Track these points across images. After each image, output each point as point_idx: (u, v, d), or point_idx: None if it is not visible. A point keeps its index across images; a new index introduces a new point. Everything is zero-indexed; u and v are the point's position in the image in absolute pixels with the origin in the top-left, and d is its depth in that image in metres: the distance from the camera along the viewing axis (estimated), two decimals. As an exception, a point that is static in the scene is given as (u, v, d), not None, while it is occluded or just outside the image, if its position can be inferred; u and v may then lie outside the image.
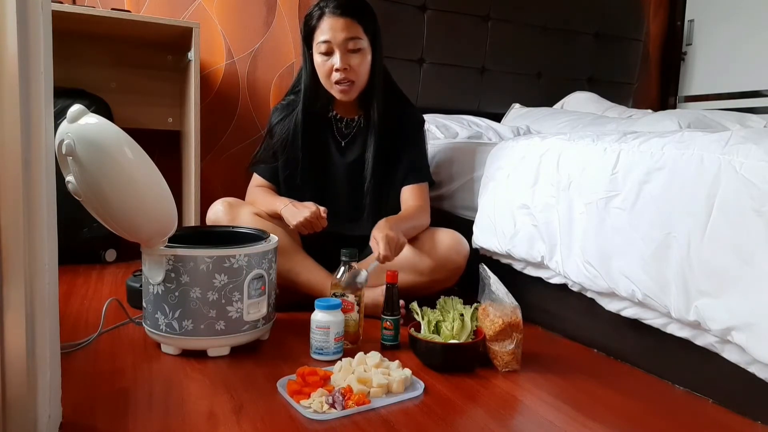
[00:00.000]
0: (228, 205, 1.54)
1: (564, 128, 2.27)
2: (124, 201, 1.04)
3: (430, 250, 1.53)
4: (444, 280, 1.56)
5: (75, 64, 2.09)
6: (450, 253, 1.52)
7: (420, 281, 1.54)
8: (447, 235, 1.55)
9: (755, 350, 0.99)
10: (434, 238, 1.55)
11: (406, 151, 1.63)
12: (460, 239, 1.55)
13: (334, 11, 1.49)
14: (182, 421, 0.96)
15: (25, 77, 0.74)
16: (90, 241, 1.96)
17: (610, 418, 1.04)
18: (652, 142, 1.23)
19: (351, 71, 1.51)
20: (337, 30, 1.48)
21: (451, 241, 1.54)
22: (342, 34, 1.48)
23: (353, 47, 1.50)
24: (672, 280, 1.13)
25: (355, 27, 1.49)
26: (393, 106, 1.62)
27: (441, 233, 1.56)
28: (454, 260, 1.53)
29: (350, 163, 1.63)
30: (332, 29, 1.48)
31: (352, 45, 1.50)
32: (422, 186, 1.64)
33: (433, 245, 1.53)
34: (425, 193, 1.65)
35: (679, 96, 3.24)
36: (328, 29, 1.49)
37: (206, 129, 2.24)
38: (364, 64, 1.53)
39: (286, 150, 1.61)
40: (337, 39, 1.48)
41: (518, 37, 2.73)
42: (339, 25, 1.48)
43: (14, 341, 0.76)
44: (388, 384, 1.08)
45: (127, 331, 1.37)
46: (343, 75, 1.50)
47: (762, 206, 0.98)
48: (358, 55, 1.51)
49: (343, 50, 1.49)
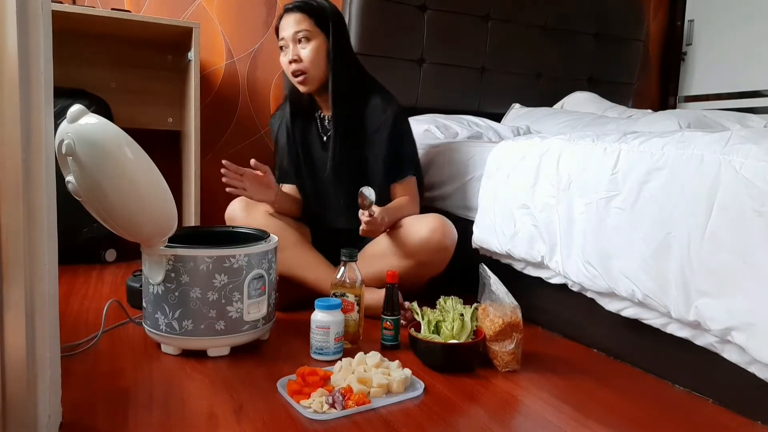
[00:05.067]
0: (245, 204, 1.63)
1: (564, 128, 2.27)
2: (124, 201, 1.04)
3: (415, 230, 1.53)
4: (430, 262, 1.54)
5: (75, 64, 2.09)
6: (434, 233, 1.50)
7: (407, 265, 1.53)
8: (431, 218, 1.55)
9: (755, 350, 0.99)
10: (419, 221, 1.56)
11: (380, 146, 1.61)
12: (445, 221, 1.54)
13: (287, 11, 1.60)
14: (182, 421, 0.96)
15: (25, 77, 0.74)
16: (90, 241, 1.96)
17: (610, 418, 1.04)
18: (652, 142, 1.23)
19: (300, 62, 1.57)
20: (287, 26, 1.58)
21: (434, 222, 1.52)
22: (291, 29, 1.57)
23: (302, 38, 1.57)
24: (672, 280, 1.13)
25: (304, 20, 1.57)
26: (359, 99, 1.63)
27: (426, 216, 1.57)
28: (439, 240, 1.51)
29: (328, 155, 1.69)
30: (284, 27, 1.59)
31: (302, 36, 1.57)
32: (407, 181, 1.66)
33: (418, 226, 1.53)
34: (412, 187, 1.67)
35: (679, 96, 3.24)
36: (283, 27, 1.60)
37: (206, 129, 2.24)
38: (315, 55, 1.57)
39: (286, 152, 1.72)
40: (288, 33, 1.58)
41: (518, 37, 2.73)
42: (289, 21, 1.58)
43: (14, 341, 0.76)
44: (388, 384, 1.08)
45: (127, 331, 1.37)
46: (294, 66, 1.57)
47: (762, 206, 0.98)
48: (307, 46, 1.57)
49: (294, 43, 1.58)
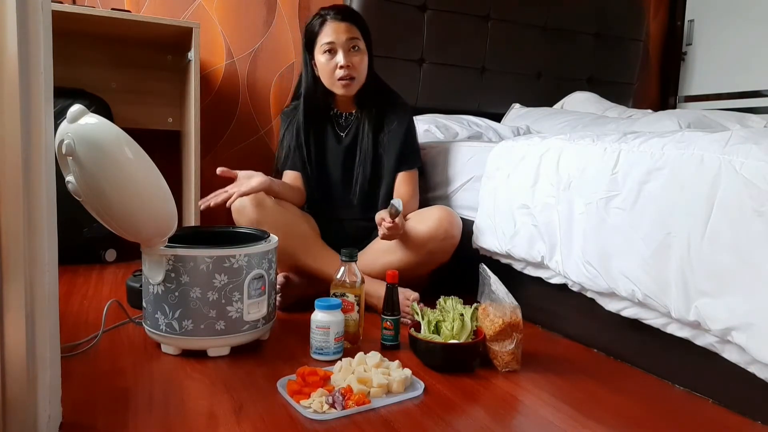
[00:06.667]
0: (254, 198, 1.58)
1: (564, 128, 2.27)
2: (124, 201, 1.04)
3: (423, 223, 1.61)
4: (439, 251, 1.61)
5: (75, 64, 2.09)
6: (442, 223, 1.60)
7: (416, 257, 1.60)
8: (437, 209, 1.65)
9: (755, 350, 0.99)
10: (426, 213, 1.66)
11: (397, 139, 1.76)
12: (451, 212, 1.64)
13: (335, 17, 1.68)
14: (182, 421, 0.96)
15: (25, 77, 0.74)
16: (90, 241, 1.96)
17: (610, 418, 1.04)
18: (652, 142, 1.23)
19: (353, 68, 1.68)
20: (340, 32, 1.66)
21: (442, 212, 1.62)
22: (344, 36, 1.66)
23: (354, 48, 1.68)
24: (672, 280, 1.13)
25: (354, 30, 1.68)
26: (383, 99, 1.81)
27: (432, 208, 1.68)
28: (446, 230, 1.60)
29: (345, 148, 1.78)
30: (335, 32, 1.66)
31: (354, 45, 1.67)
32: (412, 173, 1.79)
33: (426, 218, 1.63)
34: (415, 179, 1.80)
35: (679, 96, 3.24)
36: (331, 32, 1.66)
37: (206, 129, 2.24)
38: (363, 63, 1.71)
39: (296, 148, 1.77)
40: (340, 40, 1.66)
41: (518, 37, 2.73)
42: (341, 29, 1.66)
43: (14, 341, 0.76)
44: (388, 384, 1.08)
45: (127, 331, 1.37)
46: (346, 72, 1.67)
47: (762, 206, 0.98)
48: (359, 54, 1.69)
49: (346, 49, 1.66)
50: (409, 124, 1.80)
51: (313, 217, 1.77)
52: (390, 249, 1.61)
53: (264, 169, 1.65)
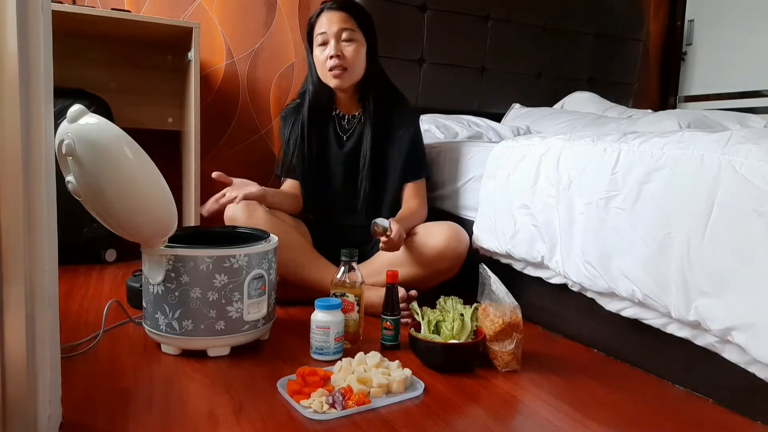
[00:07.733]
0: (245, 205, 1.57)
1: (564, 128, 2.27)
2: (124, 201, 1.04)
3: (431, 242, 1.60)
4: (446, 270, 1.62)
5: (75, 64, 2.09)
6: (450, 242, 1.59)
7: (423, 273, 1.60)
8: (446, 226, 1.63)
9: (755, 350, 0.99)
10: (434, 230, 1.63)
11: (402, 148, 1.72)
12: (458, 229, 1.63)
13: (330, 7, 1.64)
14: (182, 421, 0.96)
15: (25, 77, 0.74)
16: (90, 241, 1.96)
17: (610, 418, 1.04)
18: (653, 142, 1.23)
19: (343, 59, 1.62)
20: (332, 22, 1.62)
21: (450, 231, 1.61)
22: (336, 26, 1.62)
23: (347, 37, 1.63)
24: (672, 280, 1.13)
25: (349, 20, 1.63)
26: (389, 102, 1.75)
27: (440, 225, 1.65)
28: (454, 248, 1.59)
29: (347, 153, 1.73)
30: (328, 21, 1.63)
31: (346, 35, 1.62)
32: (420, 183, 1.76)
33: (434, 236, 1.61)
34: (423, 189, 1.77)
35: (679, 96, 3.24)
36: (325, 22, 1.63)
37: (206, 129, 2.24)
38: (357, 54, 1.64)
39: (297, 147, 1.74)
40: (331, 30, 1.62)
41: (518, 37, 2.73)
42: (335, 18, 1.62)
43: (14, 341, 0.76)
44: (388, 384, 1.08)
45: (127, 331, 1.37)
46: (336, 62, 1.61)
47: (762, 206, 0.98)
48: (351, 44, 1.63)
49: (336, 39, 1.62)
50: (415, 131, 1.74)
51: (311, 220, 1.74)
52: (396, 263, 1.58)
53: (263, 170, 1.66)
